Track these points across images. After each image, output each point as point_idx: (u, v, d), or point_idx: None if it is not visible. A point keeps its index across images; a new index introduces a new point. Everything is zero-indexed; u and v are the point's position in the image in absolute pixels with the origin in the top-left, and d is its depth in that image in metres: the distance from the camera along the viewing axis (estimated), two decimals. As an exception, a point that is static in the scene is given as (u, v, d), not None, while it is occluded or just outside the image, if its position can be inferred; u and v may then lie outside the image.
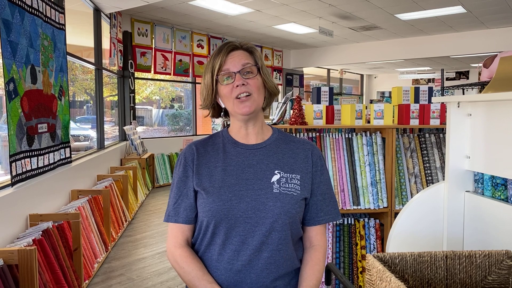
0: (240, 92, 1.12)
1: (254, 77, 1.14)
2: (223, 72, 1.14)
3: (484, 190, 1.50)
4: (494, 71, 1.61)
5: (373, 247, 2.74)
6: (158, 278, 3.47)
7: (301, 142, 1.25)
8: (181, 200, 1.18)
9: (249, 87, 1.13)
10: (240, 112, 1.14)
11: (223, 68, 1.14)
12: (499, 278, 1.11)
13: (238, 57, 1.15)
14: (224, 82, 1.14)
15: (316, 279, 1.17)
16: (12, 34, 2.72)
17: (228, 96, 1.14)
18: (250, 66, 1.14)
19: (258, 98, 1.15)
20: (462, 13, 6.99)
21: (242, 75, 1.13)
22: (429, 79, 14.24)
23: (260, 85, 1.16)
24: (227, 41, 1.20)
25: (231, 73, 1.13)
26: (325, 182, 1.23)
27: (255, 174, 1.16)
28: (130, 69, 7.04)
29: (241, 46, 1.18)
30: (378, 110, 2.81)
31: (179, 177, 1.20)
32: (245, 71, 1.14)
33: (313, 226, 1.22)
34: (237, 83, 1.12)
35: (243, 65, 1.13)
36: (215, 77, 1.15)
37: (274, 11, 6.91)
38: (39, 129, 3.17)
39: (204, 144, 1.23)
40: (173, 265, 1.18)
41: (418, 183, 2.75)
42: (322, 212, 1.21)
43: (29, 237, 2.60)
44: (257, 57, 1.18)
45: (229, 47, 1.16)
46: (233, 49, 1.16)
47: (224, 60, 1.14)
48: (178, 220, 1.17)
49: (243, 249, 1.11)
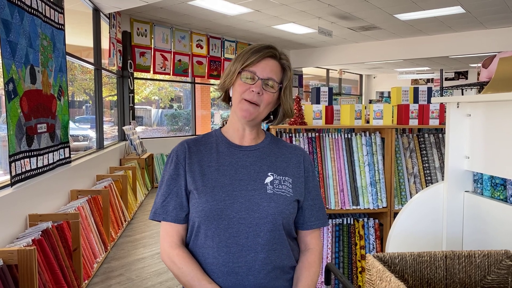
0: (252, 99, 1.13)
1: (272, 92, 1.15)
2: (249, 71, 1.14)
3: (483, 190, 1.50)
4: (493, 71, 1.61)
5: (373, 247, 2.75)
6: (158, 278, 3.47)
7: (293, 147, 1.27)
8: (170, 198, 1.16)
9: (261, 98, 1.13)
10: (240, 114, 1.14)
11: (252, 68, 1.14)
12: (498, 278, 1.11)
13: (270, 67, 1.15)
14: (244, 79, 1.14)
15: (312, 280, 1.17)
16: (12, 34, 2.72)
17: (240, 92, 1.14)
18: (274, 82, 1.14)
19: (263, 111, 1.16)
20: (461, 13, 7.00)
21: (263, 85, 1.13)
22: (428, 79, 14.25)
23: (272, 101, 1.16)
24: (270, 44, 1.18)
25: (255, 76, 1.13)
26: (315, 188, 1.26)
27: (248, 175, 1.16)
28: (129, 69, 7.03)
29: (280, 59, 1.17)
30: (378, 110, 2.81)
31: (170, 175, 1.18)
32: (267, 83, 1.14)
33: (307, 230, 1.23)
34: (255, 89, 1.12)
35: (269, 77, 1.14)
36: (240, 69, 1.15)
37: (274, 11, 6.91)
38: (39, 129, 3.16)
39: (196, 142, 1.22)
40: (170, 266, 1.14)
41: (418, 183, 2.76)
42: (313, 217, 1.23)
43: (28, 237, 2.60)
44: (286, 77, 1.18)
45: (268, 52, 1.15)
46: (271, 56, 1.16)
47: (257, 61, 1.14)
48: (167, 218, 1.15)
49: (239, 251, 1.10)
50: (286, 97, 1.18)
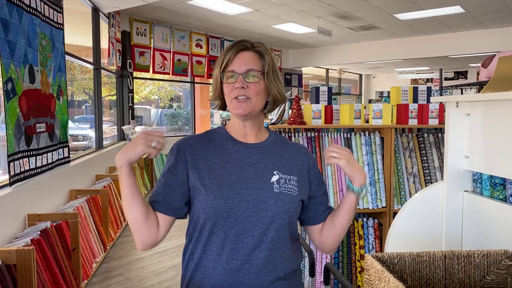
0: (239, 94, 1.12)
1: (256, 82, 1.14)
2: (227, 71, 1.14)
3: (483, 189, 1.50)
4: (493, 71, 1.61)
5: (372, 247, 2.74)
6: (157, 278, 3.47)
7: (296, 145, 1.27)
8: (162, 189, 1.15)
9: (248, 91, 1.13)
10: (235, 112, 1.14)
11: (229, 67, 1.14)
12: (497, 278, 1.11)
13: (245, 59, 1.14)
14: (227, 80, 1.14)
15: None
16: (10, 33, 2.72)
17: (228, 94, 1.15)
18: (255, 71, 1.14)
19: (257, 102, 1.15)
20: (460, 13, 7.00)
21: (245, 78, 1.13)
22: (427, 79, 14.26)
23: (261, 90, 1.15)
24: (241, 39, 1.18)
25: (234, 73, 1.13)
26: (323, 182, 1.28)
27: (255, 173, 1.15)
28: (129, 68, 7.03)
29: (253, 48, 1.17)
30: (377, 110, 2.81)
31: (168, 167, 1.18)
32: (249, 75, 1.13)
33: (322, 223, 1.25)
34: (237, 85, 1.12)
35: (247, 69, 1.13)
36: (220, 73, 1.15)
37: (273, 11, 6.90)
38: (37, 128, 3.16)
39: (200, 138, 1.21)
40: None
41: (417, 183, 2.75)
42: (327, 209, 1.26)
43: (27, 237, 2.60)
44: (265, 62, 1.17)
45: (239, 46, 1.15)
46: (243, 49, 1.16)
47: (231, 59, 1.14)
48: (156, 207, 1.14)
49: (242, 248, 1.10)
50: (271, 82, 1.17)
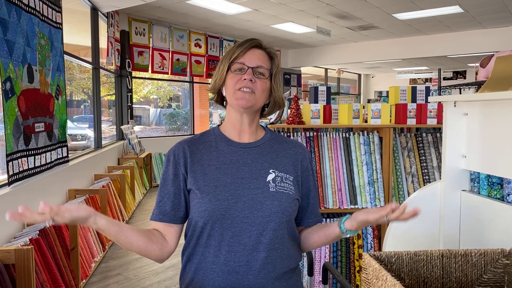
0: (245, 86, 1.13)
1: (264, 79, 1.15)
2: (237, 63, 1.14)
3: (480, 189, 1.50)
4: (491, 70, 1.62)
5: (370, 246, 2.75)
6: (155, 277, 3.47)
7: (293, 143, 1.26)
8: (167, 199, 1.16)
9: (255, 85, 1.13)
10: (237, 103, 1.13)
11: (240, 60, 1.15)
12: (494, 277, 1.11)
13: (257, 56, 1.16)
14: (234, 71, 1.15)
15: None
16: (9, 33, 2.71)
17: (232, 85, 1.14)
18: (264, 69, 1.15)
19: (260, 99, 1.15)
20: (459, 13, 7.01)
21: (254, 73, 1.14)
22: (426, 79, 14.27)
23: (266, 88, 1.16)
24: (253, 38, 1.21)
25: (244, 66, 1.14)
26: (315, 186, 1.28)
27: (250, 173, 1.15)
28: (128, 68, 7.02)
29: (265, 48, 1.19)
30: (376, 110, 2.81)
31: (167, 175, 1.18)
32: (258, 71, 1.14)
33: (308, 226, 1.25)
34: (246, 77, 1.13)
35: (258, 65, 1.14)
36: (229, 63, 1.15)
37: (272, 11, 6.91)
38: (36, 128, 3.16)
39: (194, 142, 1.21)
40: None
41: (415, 182, 2.76)
42: (313, 214, 1.25)
43: (26, 236, 2.60)
44: (274, 64, 1.19)
45: (253, 43, 1.17)
46: (256, 46, 1.17)
47: (243, 53, 1.15)
48: (164, 219, 1.15)
49: (240, 249, 1.09)
50: (277, 85, 1.19)
